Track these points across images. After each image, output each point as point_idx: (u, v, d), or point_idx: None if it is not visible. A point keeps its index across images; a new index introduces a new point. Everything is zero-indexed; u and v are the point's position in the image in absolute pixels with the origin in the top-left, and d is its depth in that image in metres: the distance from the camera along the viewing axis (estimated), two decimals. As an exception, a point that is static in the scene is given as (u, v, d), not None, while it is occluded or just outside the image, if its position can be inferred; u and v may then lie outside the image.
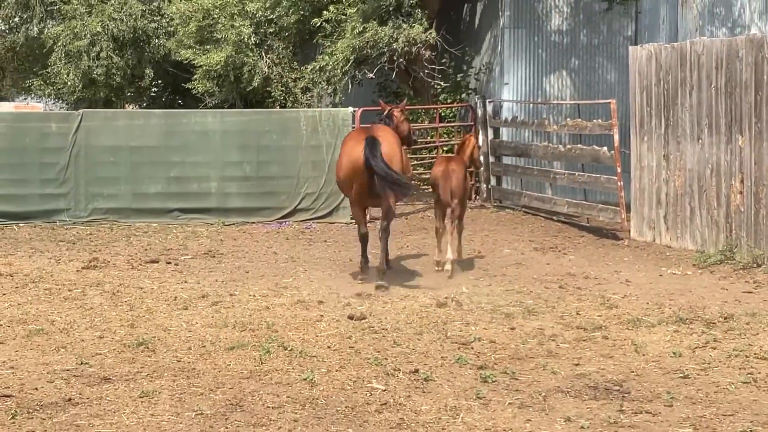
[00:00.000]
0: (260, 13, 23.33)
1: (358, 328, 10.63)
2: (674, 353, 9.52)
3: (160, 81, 31.54)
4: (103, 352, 9.80)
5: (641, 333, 10.34)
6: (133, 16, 26.96)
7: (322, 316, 11.23)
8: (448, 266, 13.91)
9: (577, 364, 9.25)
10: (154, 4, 28.12)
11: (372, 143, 12.98)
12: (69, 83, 27.03)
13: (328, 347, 9.89)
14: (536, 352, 9.67)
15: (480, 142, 21.87)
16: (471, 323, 10.81)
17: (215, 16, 23.86)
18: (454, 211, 14.24)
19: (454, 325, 10.71)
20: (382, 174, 12.76)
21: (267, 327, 10.67)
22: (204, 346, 9.95)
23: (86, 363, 9.35)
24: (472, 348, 9.82)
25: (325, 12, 21.76)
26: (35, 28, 29.33)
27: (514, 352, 9.65)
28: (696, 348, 9.72)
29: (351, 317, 11.06)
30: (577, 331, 10.41)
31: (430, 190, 16.54)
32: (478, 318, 11.05)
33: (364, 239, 13.89)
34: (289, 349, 9.73)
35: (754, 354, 9.39)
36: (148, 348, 9.88)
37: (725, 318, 10.86)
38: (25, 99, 37.06)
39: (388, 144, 13.31)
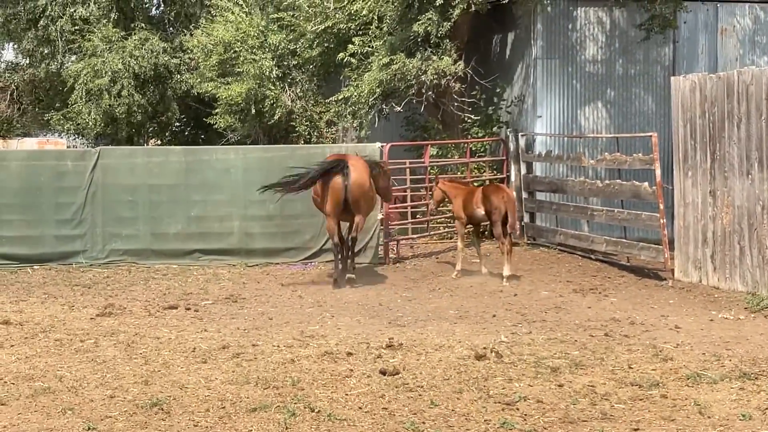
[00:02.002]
0: (283, 45, 22.72)
1: (392, 384, 9.76)
2: (743, 415, 8.61)
3: (183, 116, 31.06)
4: (113, 414, 8.98)
5: (703, 391, 9.43)
6: (155, 53, 26.39)
7: (351, 370, 10.38)
8: None
9: (636, 429, 8.35)
10: (177, 40, 27.64)
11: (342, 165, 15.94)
12: (90, 123, 26.51)
13: (359, 408, 9.04)
14: (589, 414, 8.77)
15: (513, 177, 21.15)
16: (514, 379, 9.93)
17: (237, 49, 23.30)
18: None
19: (495, 381, 9.83)
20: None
21: (292, 384, 9.83)
22: (223, 407, 9.11)
23: (94, 429, 8.52)
24: (518, 409, 8.94)
25: (350, 45, 21.09)
26: (56, 63, 28.81)
27: (564, 414, 8.75)
28: (767, 409, 8.80)
29: (383, 372, 10.20)
30: (632, 389, 9.51)
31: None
32: (522, 372, 10.17)
33: (336, 249, 16.46)
34: (316, 410, 8.89)
35: (833, 416, 8.49)
36: (162, 410, 9.05)
37: (793, 372, 9.95)
38: (46, 135, 36.65)
39: (358, 172, 16.12)
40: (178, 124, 31.83)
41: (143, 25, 27.64)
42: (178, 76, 27.23)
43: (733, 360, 10.60)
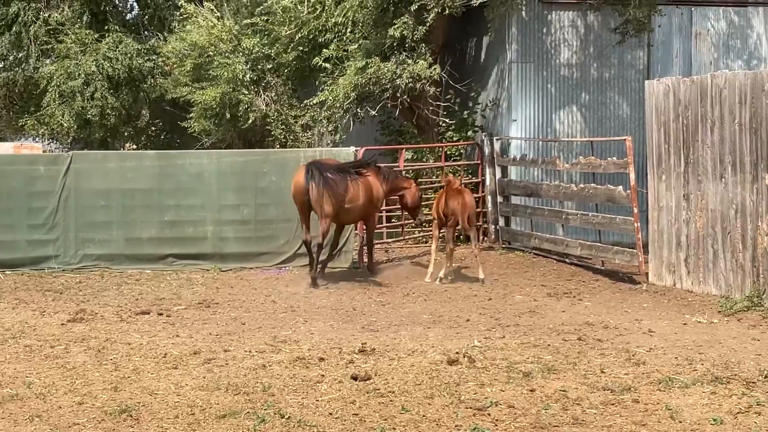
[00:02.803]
0: (257, 49, 22.63)
1: (363, 390, 9.70)
2: (714, 420, 8.58)
3: (158, 120, 30.93)
4: (81, 421, 8.88)
5: (675, 395, 9.39)
6: (128, 55, 26.26)
7: (323, 376, 10.30)
8: None
9: (607, 434, 8.33)
10: (150, 42, 27.52)
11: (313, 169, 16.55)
12: (64, 124, 26.36)
13: (330, 414, 8.96)
14: (561, 419, 8.72)
15: (488, 181, 21.11)
16: (486, 384, 9.87)
17: (210, 53, 23.20)
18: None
19: (467, 387, 9.77)
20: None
21: (263, 390, 9.75)
22: (193, 414, 9.02)
23: (61, 436, 8.44)
24: (489, 414, 8.88)
25: (325, 50, 21.02)
26: (30, 67, 28.63)
27: (535, 420, 8.70)
28: (738, 413, 8.76)
29: (355, 377, 10.12)
30: (603, 393, 9.46)
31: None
32: (494, 377, 10.11)
33: (306, 246, 17.00)
34: (286, 417, 8.81)
35: (805, 421, 8.47)
36: (131, 416, 8.95)
37: (765, 376, 9.90)
38: (20, 139, 36.44)
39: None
40: (153, 128, 31.72)
41: (117, 27, 27.51)
42: (152, 80, 27.11)
43: (706, 364, 10.58)
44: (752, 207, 14.38)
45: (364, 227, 18.07)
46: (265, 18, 22.93)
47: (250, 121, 22.80)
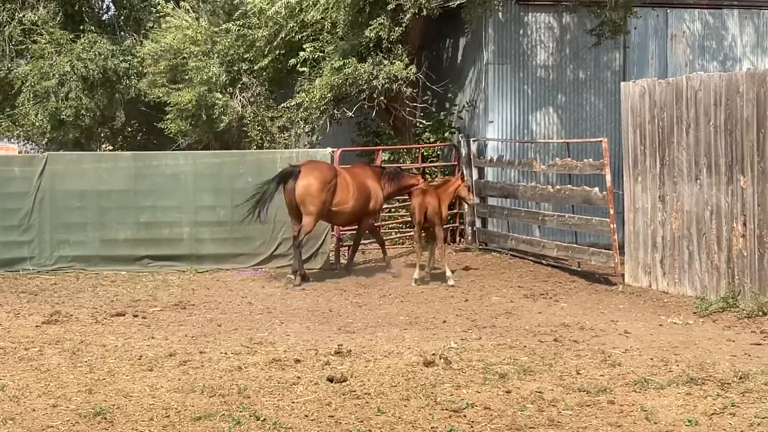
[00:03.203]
0: (232, 51, 22.57)
1: (339, 392, 9.67)
2: (689, 421, 8.59)
3: (134, 121, 30.82)
4: (55, 424, 8.82)
5: (650, 396, 9.41)
6: (103, 56, 26.15)
7: (299, 377, 10.28)
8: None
9: (582, 436, 8.33)
10: (126, 43, 27.42)
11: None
12: (38, 124, 26.23)
13: (305, 416, 8.94)
14: (536, 420, 8.72)
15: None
16: (462, 385, 9.87)
17: (185, 55, 23.13)
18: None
19: (443, 388, 9.76)
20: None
21: (238, 392, 9.72)
22: (168, 416, 8.98)
23: (34, 439, 8.39)
24: (465, 416, 8.87)
25: (301, 52, 20.98)
26: (5, 68, 28.50)
27: (511, 421, 8.69)
28: (713, 414, 8.78)
29: (331, 379, 10.10)
30: (579, 395, 9.47)
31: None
32: (470, 379, 10.11)
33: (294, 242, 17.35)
34: (261, 419, 8.78)
35: (779, 422, 8.49)
36: (105, 419, 8.90)
37: (740, 377, 9.93)
38: (-4, 140, 36.26)
39: (307, 178, 16.94)
40: (129, 129, 31.61)
41: (92, 28, 27.39)
42: (127, 80, 27.01)
43: (681, 365, 10.60)
44: (727, 208, 14.43)
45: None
46: (241, 23, 22.86)
47: (224, 123, 22.73)
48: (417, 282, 16.86)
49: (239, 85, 23.05)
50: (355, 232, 18.84)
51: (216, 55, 22.97)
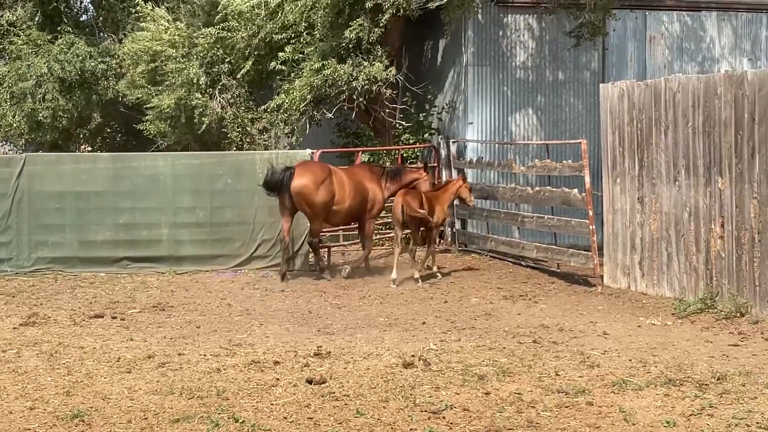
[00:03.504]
0: (212, 53, 22.50)
1: (318, 394, 9.66)
2: (667, 422, 8.61)
3: (113, 122, 30.69)
4: (32, 426, 8.79)
5: (628, 397, 9.43)
6: (81, 57, 26.05)
7: (278, 379, 10.27)
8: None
9: (561, 437, 8.34)
10: (104, 44, 27.31)
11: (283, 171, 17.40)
12: (15, 125, 26.11)
13: (284, 418, 8.93)
14: (515, 422, 8.73)
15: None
16: (441, 387, 9.87)
17: (164, 57, 23.04)
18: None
19: (422, 390, 9.76)
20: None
21: (217, 394, 9.70)
22: (146, 418, 8.95)
23: (11, 442, 8.35)
24: (444, 418, 8.87)
25: (281, 53, 20.94)
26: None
27: (490, 423, 8.70)
28: (691, 415, 8.81)
29: (310, 381, 10.10)
30: (558, 396, 9.49)
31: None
32: (449, 380, 10.11)
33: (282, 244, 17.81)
34: (240, 421, 8.77)
35: (757, 423, 8.49)
36: (83, 421, 8.87)
37: (718, 378, 9.97)
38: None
39: (300, 179, 17.24)
40: (108, 130, 31.49)
41: (70, 29, 27.27)
42: (105, 82, 26.90)
43: (659, 366, 10.63)
44: (705, 210, 14.48)
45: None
46: (221, 26, 22.79)
47: (204, 124, 22.67)
48: (395, 283, 16.87)
49: (219, 87, 22.98)
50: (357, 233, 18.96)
51: (195, 57, 22.89)
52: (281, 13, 21.18)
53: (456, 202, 19.24)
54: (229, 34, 22.47)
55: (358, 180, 17.97)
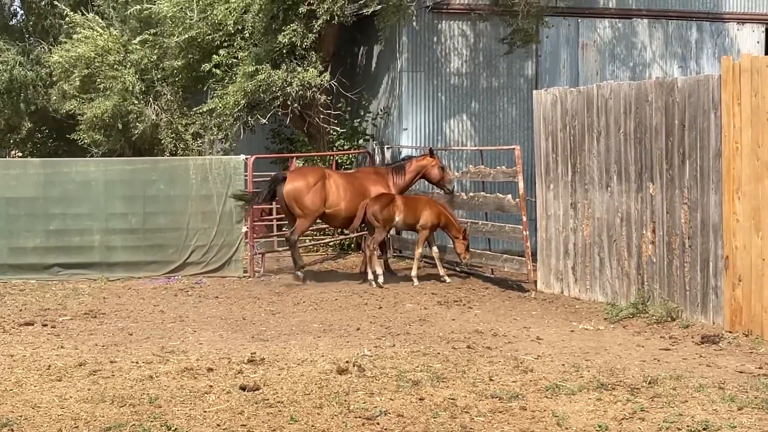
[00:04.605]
0: (145, 60, 22.35)
1: (251, 401, 9.61)
2: (600, 426, 8.67)
3: (44, 128, 30.35)
4: (-40, 436, 8.65)
5: (561, 402, 9.48)
6: (9, 65, 25.73)
7: (211, 386, 10.19)
8: None
9: (495, 442, 8.36)
10: (34, 53, 27.00)
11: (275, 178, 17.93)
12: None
13: (217, 425, 8.86)
14: (449, 427, 8.73)
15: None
16: (375, 393, 9.86)
17: (97, 65, 22.81)
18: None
19: (357, 396, 9.74)
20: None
21: (149, 401, 9.61)
22: (77, 427, 8.85)
23: (-62, 452, 8.20)
24: (378, 423, 8.86)
25: (215, 56, 20.83)
26: None
27: (424, 428, 8.70)
28: (623, 419, 8.87)
29: (243, 388, 10.04)
30: (492, 401, 9.51)
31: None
32: (383, 386, 10.10)
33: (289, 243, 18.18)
34: (172, 429, 8.70)
35: (687, 427, 8.57)
36: (12, 430, 8.75)
37: (649, 382, 10.05)
38: None
39: (292, 182, 17.66)
40: (40, 135, 31.13)
41: (-1, 35, 26.99)
42: (33, 90, 26.59)
43: (592, 371, 10.70)
44: (637, 215, 14.62)
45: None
46: (154, 31, 22.64)
47: (139, 131, 22.49)
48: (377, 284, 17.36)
49: (153, 93, 22.81)
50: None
51: (130, 63, 22.71)
52: (210, 12, 21.05)
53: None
54: (162, 39, 22.33)
55: (359, 183, 18.25)
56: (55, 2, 25.36)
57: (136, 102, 22.53)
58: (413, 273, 17.75)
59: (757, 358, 11.57)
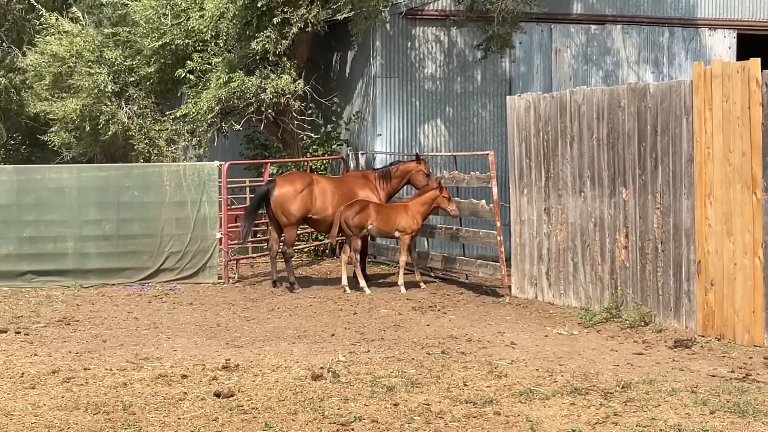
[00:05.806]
0: (119, 61, 22.27)
1: (226, 407, 9.60)
2: (573, 431, 8.72)
3: (17, 134, 30.22)
4: (-68, 445, 8.61)
5: (535, 407, 9.52)
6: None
7: (185, 393, 10.18)
8: None
9: (469, 447, 8.39)
10: (6, 61, 26.89)
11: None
12: None
13: (192, 432, 8.86)
14: (423, 432, 8.78)
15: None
16: (350, 398, 9.87)
17: (71, 64, 22.71)
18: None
19: (331, 402, 9.75)
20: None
21: (123, 408, 9.58)
22: (50, 435, 8.82)
23: None
24: (353, 429, 8.88)
25: (188, 62, 20.80)
26: None
27: (399, 434, 8.74)
28: (596, 424, 8.92)
29: (218, 394, 10.03)
30: (466, 406, 9.54)
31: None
32: (358, 392, 10.11)
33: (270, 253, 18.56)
34: (147, 436, 8.68)
35: (660, 430, 8.63)
36: (-15, 439, 8.72)
37: (622, 387, 10.10)
38: None
39: (280, 189, 17.76)
40: (12, 142, 30.99)
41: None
42: (6, 96, 26.48)
43: (566, 375, 10.75)
44: (610, 220, 14.69)
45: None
46: (128, 30, 22.59)
47: (110, 132, 22.39)
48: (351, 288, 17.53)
49: (125, 96, 22.75)
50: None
51: (104, 63, 22.63)
52: (185, 18, 21.03)
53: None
54: (136, 39, 22.29)
55: (348, 188, 18.31)
56: (32, 2, 25.21)
57: (109, 103, 22.44)
58: (399, 281, 17.68)
59: (729, 361, 11.66)
